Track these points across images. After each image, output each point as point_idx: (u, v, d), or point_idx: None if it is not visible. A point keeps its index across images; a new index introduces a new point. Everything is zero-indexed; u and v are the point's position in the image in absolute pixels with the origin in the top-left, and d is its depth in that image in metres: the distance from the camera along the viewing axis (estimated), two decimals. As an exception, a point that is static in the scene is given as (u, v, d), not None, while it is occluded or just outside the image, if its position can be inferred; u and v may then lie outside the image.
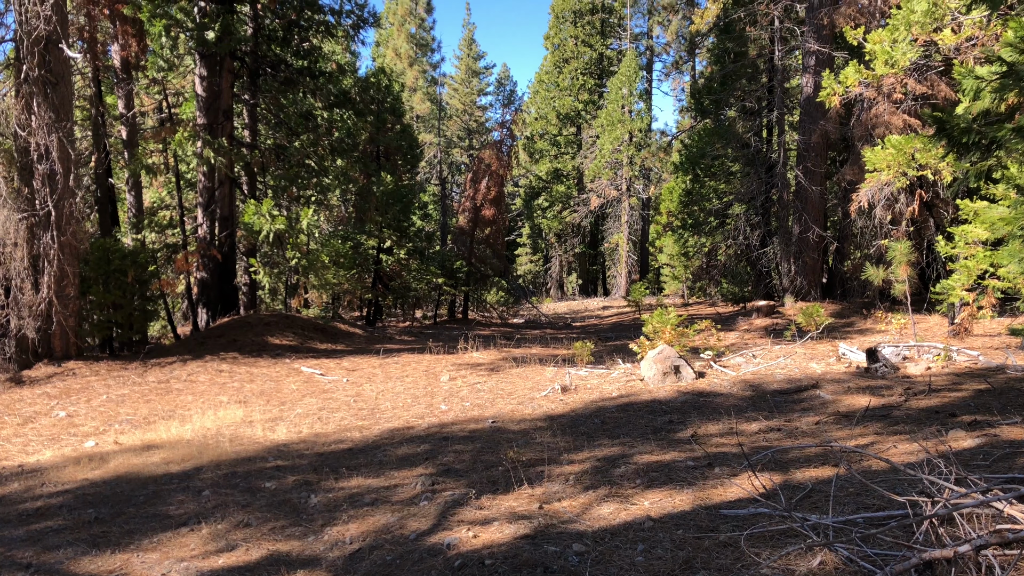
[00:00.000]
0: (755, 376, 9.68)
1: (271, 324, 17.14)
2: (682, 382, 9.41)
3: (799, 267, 18.29)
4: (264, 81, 19.06)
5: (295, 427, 9.52)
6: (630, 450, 6.70)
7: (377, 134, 20.31)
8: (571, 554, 4.37)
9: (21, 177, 13.51)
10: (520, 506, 5.42)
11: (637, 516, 4.94)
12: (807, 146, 17.60)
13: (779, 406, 8.06)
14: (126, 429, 10.12)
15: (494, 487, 6.02)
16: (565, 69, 45.95)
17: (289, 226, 13.88)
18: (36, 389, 12.58)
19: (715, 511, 4.91)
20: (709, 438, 7.00)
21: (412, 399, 10.84)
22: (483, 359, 14.32)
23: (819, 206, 18.02)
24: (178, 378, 13.33)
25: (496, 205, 24.28)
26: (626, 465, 6.15)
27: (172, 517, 6.16)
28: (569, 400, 9.44)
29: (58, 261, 13.51)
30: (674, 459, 6.23)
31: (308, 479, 6.99)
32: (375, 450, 7.95)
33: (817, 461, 5.81)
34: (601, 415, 8.42)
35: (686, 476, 5.73)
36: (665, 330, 10.18)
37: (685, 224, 23.53)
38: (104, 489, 7.23)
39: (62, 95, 13.68)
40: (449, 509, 5.49)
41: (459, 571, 4.34)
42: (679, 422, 7.77)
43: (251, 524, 5.77)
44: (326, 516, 5.79)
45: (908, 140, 12.46)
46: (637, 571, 4.09)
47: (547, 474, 6.20)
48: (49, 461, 8.56)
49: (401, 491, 6.25)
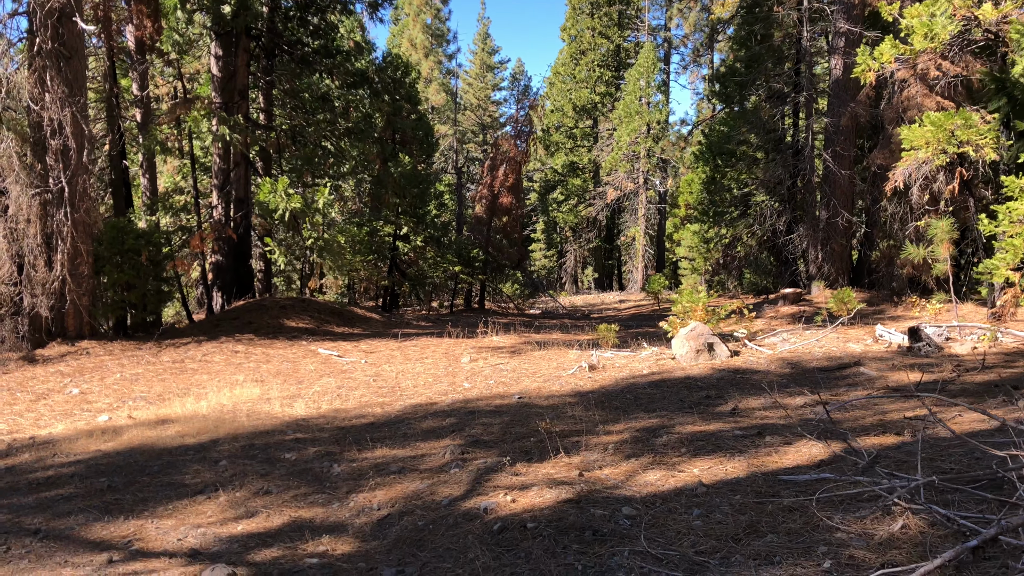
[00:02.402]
0: (792, 355, 9.27)
1: (287, 307, 16.85)
2: (716, 360, 9.01)
3: (826, 254, 17.81)
4: (280, 62, 18.77)
5: (314, 403, 9.20)
6: (669, 422, 6.32)
7: (394, 117, 19.99)
8: (621, 517, 4.00)
9: (34, 152, 13.26)
10: (558, 473, 5.07)
11: (687, 482, 4.57)
12: (836, 129, 17.12)
13: (822, 382, 7.66)
14: (140, 405, 9.84)
15: (527, 456, 5.67)
16: (582, 61, 45.47)
17: (305, 206, 13.57)
18: (49, 367, 12.34)
19: (773, 477, 4.53)
20: (752, 411, 6.61)
21: (433, 378, 10.51)
22: (503, 343, 13.97)
23: (848, 191, 17.53)
24: (193, 358, 13.05)
25: (514, 192, 23.90)
26: (668, 435, 5.78)
27: (188, 486, 5.85)
28: (598, 378, 9.06)
29: (71, 239, 13.26)
30: (719, 429, 5.85)
31: (330, 450, 6.66)
32: (398, 423, 7.62)
33: (876, 430, 5.42)
34: (633, 391, 8.04)
35: (735, 445, 5.35)
36: (696, 308, 9.78)
37: (709, 210, 23.06)
38: (117, 460, 6.93)
39: (75, 69, 13.42)
40: (482, 476, 5.14)
41: (499, 535, 3.99)
42: (717, 397, 7.39)
43: (271, 492, 5.45)
44: (351, 484, 5.46)
45: (948, 116, 12.00)
46: (696, 534, 3.72)
47: (584, 444, 5.84)
48: (61, 434, 8.29)
49: (429, 460, 5.90)
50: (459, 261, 22.82)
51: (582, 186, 44.67)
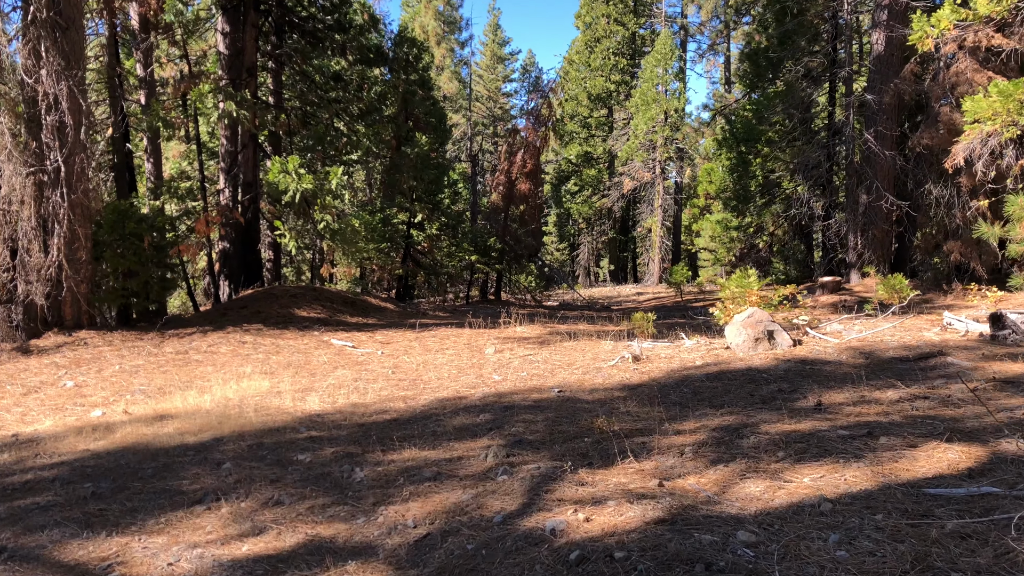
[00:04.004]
0: (863, 344, 8.32)
1: (297, 296, 15.98)
2: (777, 349, 8.07)
3: (866, 240, 16.80)
4: (290, 40, 17.86)
5: (329, 397, 8.31)
6: (749, 419, 5.39)
7: (410, 96, 19.07)
8: (738, 545, 3.08)
9: (28, 130, 12.40)
10: (633, 483, 4.15)
11: (804, 497, 3.65)
12: (879, 106, 16.09)
13: (908, 374, 6.71)
14: (138, 399, 8.98)
15: (586, 460, 4.76)
16: (597, 49, 44.39)
17: (317, 186, 12.67)
18: (44, 359, 11.51)
19: (914, 490, 3.60)
20: (840, 407, 5.67)
21: (458, 370, 9.60)
22: (529, 333, 13.05)
23: (890, 173, 16.51)
24: (197, 349, 12.20)
25: (532, 179, 22.93)
26: (755, 436, 4.85)
27: (185, 493, 4.97)
28: (644, 370, 8.14)
29: (68, 221, 12.40)
30: (815, 428, 4.92)
31: (350, 451, 5.77)
32: (425, 420, 6.72)
33: (1015, 429, 4.48)
34: (689, 384, 7.11)
35: (844, 447, 4.41)
36: (751, 293, 8.85)
37: (732, 199, 22.04)
38: (107, 461, 6.06)
39: (73, 41, 12.55)
40: (539, 485, 4.23)
41: (577, 567, 3.08)
42: (791, 391, 6.45)
43: (283, 502, 4.56)
44: (378, 493, 4.56)
45: (1017, 85, 10.99)
46: (848, 571, 2.80)
47: (653, 446, 4.93)
48: (48, 431, 7.43)
49: (468, 464, 5.00)
50: (475, 250, 21.88)
51: (597, 177, 43.66)
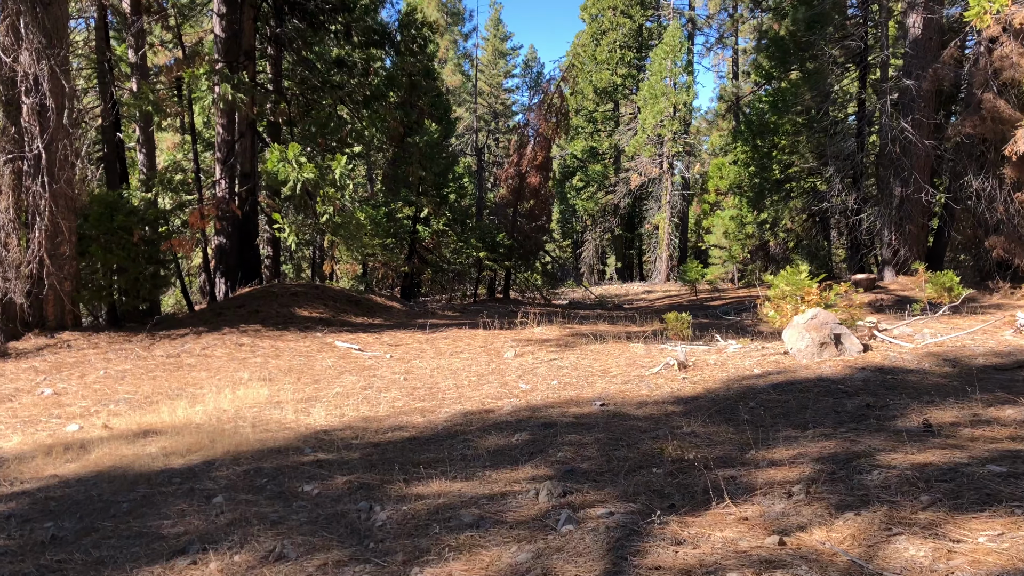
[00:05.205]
0: (943, 349, 7.37)
1: (298, 295, 15.01)
2: (846, 355, 7.12)
3: (901, 236, 15.85)
4: (290, 23, 16.87)
5: (336, 409, 7.35)
6: (854, 446, 4.43)
7: (419, 80, 18.09)
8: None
9: (7, 113, 11.43)
10: (742, 539, 3.19)
11: (993, 568, 2.69)
12: (917, 93, 15.12)
13: (1014, 386, 5.76)
14: (121, 410, 8.02)
15: (668, 502, 3.81)
16: (603, 42, 43.39)
17: (319, 176, 11.71)
18: (22, 363, 10.54)
19: None
20: (955, 429, 4.72)
21: (477, 377, 8.64)
22: (548, 335, 12.09)
23: (928, 164, 15.56)
24: (190, 352, 11.23)
25: (542, 172, 21.95)
26: (877, 470, 3.88)
27: (166, 539, 4.01)
28: (695, 379, 7.18)
29: (50, 213, 11.43)
30: (951, 461, 3.95)
31: (365, 480, 4.81)
32: (450, 439, 5.76)
33: None
34: (754, 397, 6.16)
35: (1011, 491, 3.45)
36: (811, 291, 7.91)
37: (755, 191, 21.06)
38: (76, 491, 5.10)
39: (55, 17, 11.57)
40: (621, 543, 3.26)
41: None
42: (881, 407, 5.49)
43: (287, 556, 3.59)
44: (407, 545, 3.59)
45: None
46: None
47: (745, 482, 3.97)
48: (13, 449, 6.46)
49: (516, 504, 4.04)
50: (483, 246, 20.90)
51: (602, 172, 42.70)
